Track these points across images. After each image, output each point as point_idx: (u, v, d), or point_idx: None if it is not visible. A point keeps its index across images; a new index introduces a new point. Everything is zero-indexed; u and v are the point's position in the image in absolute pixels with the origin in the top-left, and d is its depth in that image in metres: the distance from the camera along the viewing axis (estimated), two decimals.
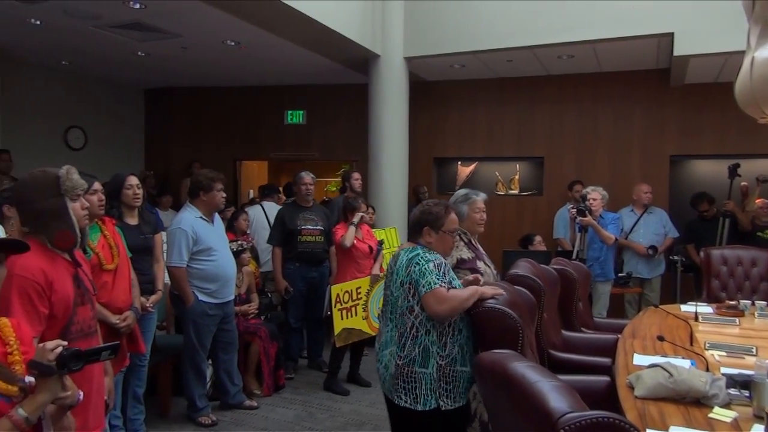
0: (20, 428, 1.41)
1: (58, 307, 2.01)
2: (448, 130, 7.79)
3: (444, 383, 2.51)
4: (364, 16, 6.10)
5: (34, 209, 2.06)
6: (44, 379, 1.46)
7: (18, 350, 1.57)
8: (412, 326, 2.54)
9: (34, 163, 6.40)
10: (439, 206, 2.65)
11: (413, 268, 2.52)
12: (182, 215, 4.09)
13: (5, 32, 5.81)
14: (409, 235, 2.73)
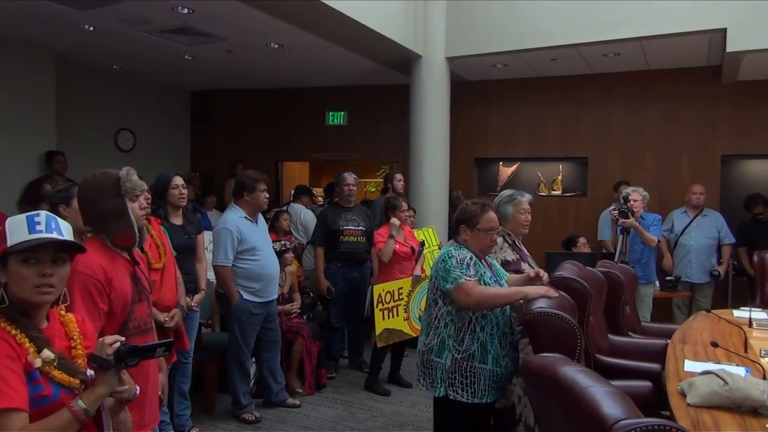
0: (79, 419, 1.45)
1: (116, 304, 2.08)
2: (489, 131, 7.72)
3: (459, 376, 2.61)
4: (406, 16, 6.10)
5: (96, 209, 2.13)
6: (103, 373, 1.50)
7: (81, 344, 1.63)
8: (435, 318, 2.71)
9: (87, 164, 6.68)
10: (476, 205, 2.71)
11: (440, 264, 2.65)
12: (227, 215, 4.17)
13: (61, 38, 6.04)
14: (451, 233, 2.78)
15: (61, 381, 1.51)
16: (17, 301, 1.51)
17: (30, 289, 1.51)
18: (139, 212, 2.22)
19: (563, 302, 2.47)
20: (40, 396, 1.46)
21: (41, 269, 1.52)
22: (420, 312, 4.88)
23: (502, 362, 2.65)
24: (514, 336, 2.72)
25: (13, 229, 1.52)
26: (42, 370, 1.48)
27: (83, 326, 1.69)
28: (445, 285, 2.59)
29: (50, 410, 1.46)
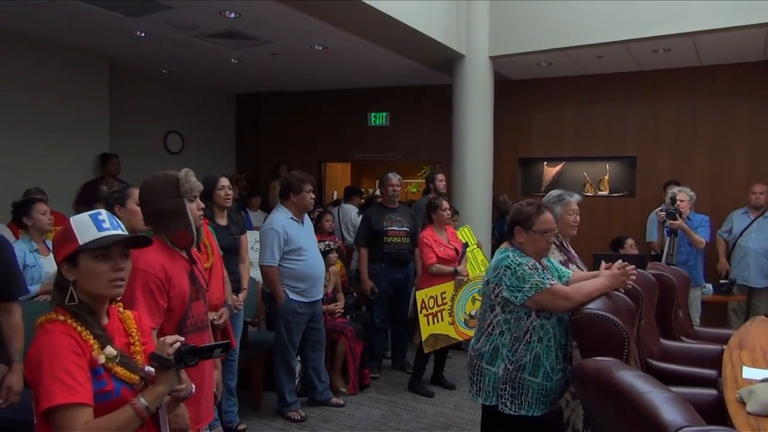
0: (141, 416, 1.49)
1: (175, 301, 2.14)
2: (533, 130, 7.61)
3: (509, 387, 2.54)
4: (449, 16, 6.07)
5: (157, 209, 2.20)
6: (163, 372, 1.53)
7: (139, 341, 1.67)
8: (489, 324, 2.62)
9: (137, 166, 6.90)
10: (531, 206, 2.62)
11: (503, 271, 2.53)
12: (274, 216, 4.23)
13: (114, 44, 6.25)
14: (507, 235, 2.70)
15: (123, 377, 1.55)
16: (85, 299, 1.56)
17: (105, 284, 1.56)
18: (196, 212, 2.27)
19: (619, 304, 2.41)
20: (103, 391, 1.50)
21: (114, 264, 1.57)
22: (465, 316, 4.84)
23: (554, 376, 2.55)
24: (569, 347, 2.64)
25: (81, 228, 1.56)
26: (105, 366, 1.52)
27: (140, 323, 1.74)
28: (518, 293, 2.48)
29: (112, 405, 1.50)
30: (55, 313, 1.54)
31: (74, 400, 1.42)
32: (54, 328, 1.50)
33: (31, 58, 6.05)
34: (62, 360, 1.45)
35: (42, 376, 1.43)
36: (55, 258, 1.62)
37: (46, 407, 1.41)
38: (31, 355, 1.50)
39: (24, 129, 5.91)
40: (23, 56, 5.99)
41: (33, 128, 6.00)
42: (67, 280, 1.56)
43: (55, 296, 1.58)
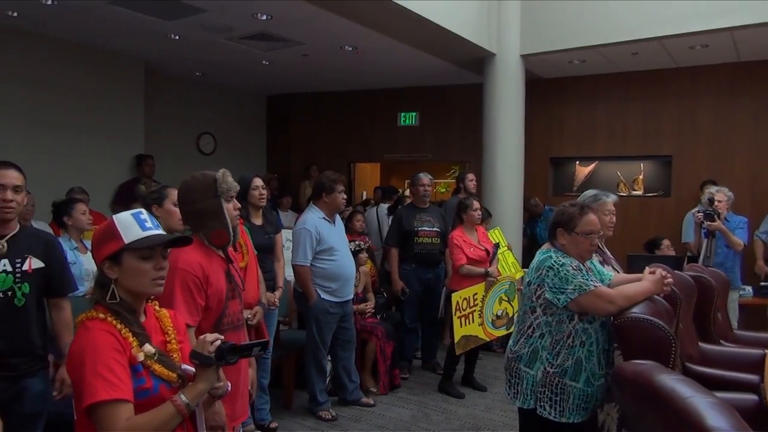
0: (181, 413, 1.50)
1: (212, 300, 2.18)
2: (565, 129, 7.51)
3: (548, 391, 2.49)
4: (480, 15, 6.03)
5: (195, 209, 2.24)
6: (204, 369, 1.54)
7: (175, 339, 1.69)
8: (529, 326, 2.57)
9: (171, 167, 7.02)
10: (574, 207, 2.56)
11: (546, 272, 2.48)
12: (306, 216, 4.26)
13: (150, 48, 6.38)
14: (548, 236, 2.66)
15: (161, 375, 1.56)
16: (125, 297, 1.59)
17: (148, 282, 1.59)
18: (233, 212, 2.30)
19: (658, 307, 2.35)
20: (142, 388, 1.52)
21: (157, 263, 1.60)
22: (492, 316, 4.81)
23: (596, 382, 2.49)
24: (612, 352, 2.57)
25: (125, 227, 1.58)
26: (144, 364, 1.54)
27: (176, 321, 1.76)
28: (561, 295, 2.43)
29: (151, 402, 1.52)
30: (95, 310, 1.56)
31: (116, 396, 1.44)
32: (95, 325, 1.52)
33: (70, 62, 6.22)
34: (104, 357, 1.47)
35: (84, 373, 1.45)
36: (94, 256, 1.64)
37: (89, 403, 1.43)
38: (73, 351, 1.53)
39: (63, 131, 6.08)
40: (63, 60, 6.16)
41: (72, 130, 6.16)
42: (108, 278, 1.58)
43: (96, 294, 1.60)
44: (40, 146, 5.73)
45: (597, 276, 2.64)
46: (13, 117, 5.70)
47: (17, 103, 5.78)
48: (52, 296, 2.54)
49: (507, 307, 4.92)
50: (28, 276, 2.42)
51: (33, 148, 5.53)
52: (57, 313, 2.57)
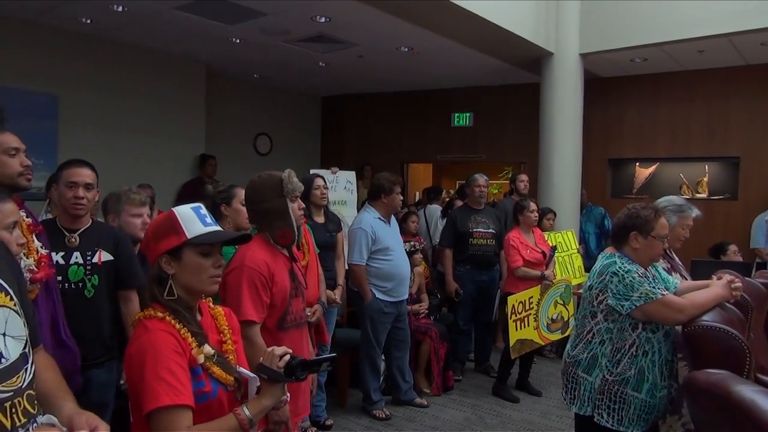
0: (243, 428, 1.43)
1: (277, 297, 2.22)
2: (625, 129, 7.30)
3: (607, 399, 2.43)
4: (538, 13, 5.94)
5: (261, 208, 2.29)
6: (271, 385, 1.47)
7: (230, 339, 1.62)
8: (589, 331, 2.52)
9: (229, 167, 7.21)
10: (647, 209, 2.48)
11: (610, 278, 2.41)
12: (362, 216, 4.30)
13: (211, 51, 6.57)
14: (612, 240, 2.59)
15: (219, 378, 1.49)
16: (182, 294, 1.52)
17: (206, 280, 1.52)
18: (298, 212, 2.35)
19: (730, 316, 2.26)
20: (201, 392, 1.44)
21: (216, 260, 1.54)
22: (548, 320, 4.73)
23: (658, 393, 2.42)
24: (675, 363, 2.49)
25: (187, 221, 1.52)
26: (203, 366, 1.47)
27: (231, 320, 1.69)
28: (625, 302, 2.37)
29: (209, 407, 1.45)
30: (152, 309, 1.50)
31: (179, 402, 1.37)
32: (154, 325, 1.45)
33: (137, 66, 6.48)
34: (165, 360, 1.40)
35: (145, 376, 1.39)
36: (149, 249, 1.56)
37: (151, 408, 1.36)
38: (133, 353, 1.45)
39: (131, 132, 6.33)
40: (131, 65, 6.42)
41: (138, 132, 6.42)
42: (166, 273, 1.51)
43: (153, 290, 1.52)
44: (110, 147, 5.98)
45: (662, 283, 2.56)
46: (85, 119, 5.98)
47: (90, 106, 6.05)
48: (122, 289, 2.65)
49: (562, 310, 4.84)
50: (98, 268, 2.54)
51: (103, 148, 5.78)
52: (126, 305, 2.67)
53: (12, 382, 1.09)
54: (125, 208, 2.86)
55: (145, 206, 2.89)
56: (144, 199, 2.89)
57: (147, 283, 1.55)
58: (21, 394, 1.12)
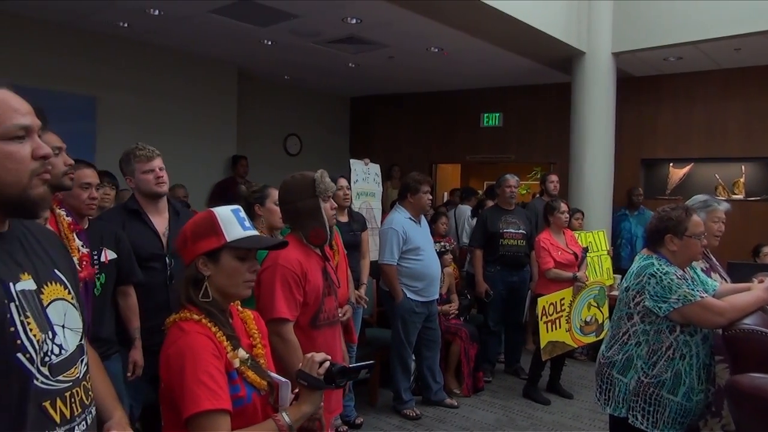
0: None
1: (310, 296, 2.25)
2: (659, 129, 7.18)
3: (642, 401, 2.40)
4: (570, 12, 5.88)
5: (295, 208, 2.32)
6: (311, 392, 1.46)
7: (261, 343, 1.59)
8: (625, 333, 2.49)
9: (260, 168, 7.28)
10: (677, 210, 2.45)
11: (647, 279, 2.38)
12: (393, 216, 4.31)
13: (243, 53, 6.67)
14: (648, 243, 2.56)
15: (253, 382, 1.47)
16: (216, 296, 1.50)
17: (241, 284, 1.50)
18: (330, 212, 2.37)
19: None
20: (236, 397, 1.42)
21: (252, 265, 1.52)
22: (581, 322, 4.68)
23: (695, 397, 2.38)
24: (713, 367, 2.45)
25: (227, 223, 1.50)
26: (238, 371, 1.45)
27: (260, 323, 1.67)
28: (662, 304, 2.34)
29: (244, 412, 1.44)
30: (187, 311, 1.48)
31: (219, 406, 1.35)
32: (191, 327, 1.44)
33: (172, 69, 6.61)
34: (205, 363, 1.38)
35: (185, 380, 1.36)
36: (188, 249, 1.53)
37: (193, 412, 1.34)
38: (171, 354, 1.42)
39: (164, 133, 6.44)
40: (165, 68, 6.55)
41: (172, 133, 6.54)
42: (202, 274, 1.49)
43: (189, 291, 1.50)
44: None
45: (701, 286, 2.52)
46: (119, 120, 6.12)
47: (125, 107, 6.20)
48: (121, 284, 2.66)
49: (596, 313, 4.77)
50: (105, 267, 2.54)
51: None
52: (125, 300, 2.69)
53: (71, 372, 1.13)
54: (136, 166, 2.78)
55: (153, 160, 2.77)
56: (150, 153, 2.78)
57: (182, 283, 1.53)
58: (78, 385, 1.15)
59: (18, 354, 1.02)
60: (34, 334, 1.05)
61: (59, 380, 1.10)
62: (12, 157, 1.06)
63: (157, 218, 2.83)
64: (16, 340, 1.02)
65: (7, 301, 1.01)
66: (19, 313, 1.03)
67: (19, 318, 1.03)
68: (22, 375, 1.02)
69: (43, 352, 1.06)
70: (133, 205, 2.81)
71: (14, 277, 1.06)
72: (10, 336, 1.01)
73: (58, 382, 1.09)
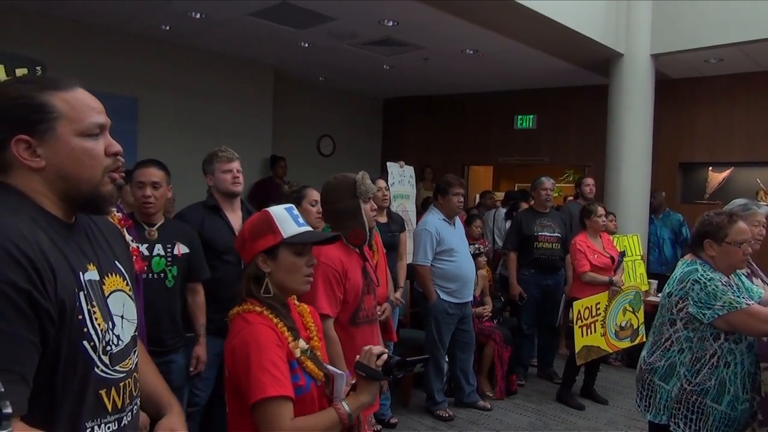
0: (343, 423, 1.46)
1: (350, 294, 2.30)
2: (697, 132, 7.04)
3: (685, 409, 2.36)
4: (607, 14, 5.82)
5: (335, 208, 2.37)
6: (368, 383, 1.50)
7: (317, 336, 1.65)
8: (667, 339, 2.46)
9: (294, 168, 7.35)
10: (720, 215, 2.42)
11: (691, 285, 2.35)
12: (427, 217, 4.33)
13: (279, 55, 6.76)
14: (691, 247, 2.53)
15: (312, 372, 1.53)
16: (276, 291, 1.56)
17: (300, 279, 1.57)
18: (370, 213, 2.42)
19: None
20: (296, 386, 1.48)
21: (309, 260, 1.59)
22: (616, 327, 4.63)
23: (740, 406, 2.34)
24: (758, 376, 2.41)
25: (283, 221, 1.56)
26: (298, 360, 1.51)
27: (315, 317, 1.72)
28: (707, 311, 2.30)
29: (303, 401, 1.48)
30: (250, 304, 1.54)
31: (282, 393, 1.42)
32: (254, 319, 1.50)
33: (210, 70, 6.74)
34: (269, 352, 1.44)
35: (251, 368, 1.43)
36: (247, 248, 1.59)
37: (259, 398, 1.40)
38: (236, 345, 1.49)
39: (203, 133, 6.57)
40: (204, 69, 6.68)
41: (210, 133, 6.63)
42: (263, 271, 1.55)
43: (250, 287, 1.56)
44: (184, 146, 6.23)
45: (746, 293, 2.48)
46: (160, 120, 6.27)
47: (166, 108, 6.34)
48: (191, 281, 2.80)
49: (632, 318, 4.71)
50: (177, 260, 2.69)
51: (178, 148, 6.03)
52: (193, 297, 2.82)
53: (125, 363, 1.16)
54: (216, 165, 2.97)
55: (233, 161, 2.99)
56: (231, 155, 3.00)
57: (243, 280, 1.59)
58: (131, 376, 1.19)
59: (84, 341, 1.05)
60: (99, 323, 1.08)
61: (116, 370, 1.13)
62: (89, 153, 1.10)
63: (232, 215, 3.01)
64: (83, 328, 1.05)
65: (76, 290, 1.05)
66: (86, 302, 1.06)
67: (87, 307, 1.06)
68: (85, 362, 1.06)
69: (105, 341, 1.09)
70: (211, 201, 3.01)
71: (82, 267, 1.09)
72: (77, 323, 1.04)
73: (115, 371, 1.12)
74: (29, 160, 1.06)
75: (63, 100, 1.08)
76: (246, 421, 1.47)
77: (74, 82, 1.13)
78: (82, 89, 1.13)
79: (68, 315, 1.02)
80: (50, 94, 1.08)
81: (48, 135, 1.06)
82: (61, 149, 1.07)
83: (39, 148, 1.06)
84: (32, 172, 1.07)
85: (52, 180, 1.08)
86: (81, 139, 1.09)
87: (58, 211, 1.10)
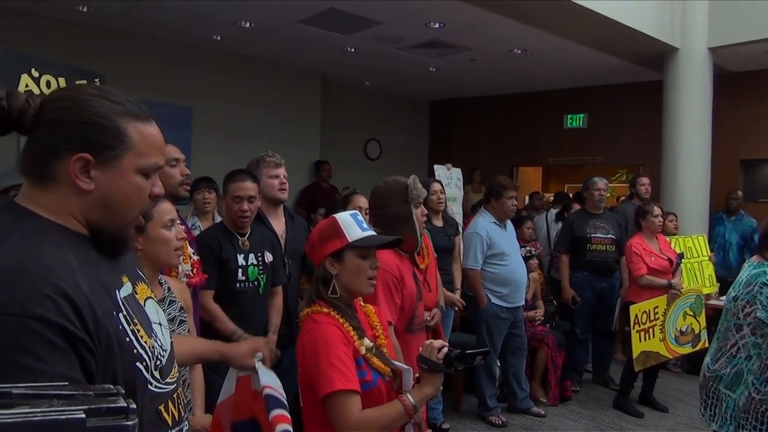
0: (409, 414, 1.53)
1: (406, 300, 2.29)
2: (760, 128, 6.73)
3: (753, 419, 2.25)
4: (662, 7, 5.63)
5: (386, 213, 2.35)
6: (431, 375, 1.56)
7: (383, 334, 1.73)
8: (733, 345, 2.36)
9: (341, 172, 7.40)
10: None
11: (759, 289, 2.25)
12: (477, 220, 4.28)
13: (327, 61, 6.84)
14: (759, 248, 2.42)
15: (378, 368, 1.61)
16: (342, 293, 1.64)
17: (364, 281, 1.65)
18: (421, 218, 2.39)
19: None
20: (363, 381, 1.56)
21: (373, 263, 1.66)
22: (676, 332, 4.45)
23: None
24: None
25: (348, 226, 1.64)
26: (364, 357, 1.59)
27: (380, 317, 1.81)
28: None
29: (370, 395, 1.56)
30: (318, 305, 1.63)
31: (349, 387, 1.50)
32: (322, 319, 1.59)
33: (259, 77, 6.87)
34: (335, 349, 1.53)
35: (320, 364, 1.52)
36: (315, 252, 1.68)
37: (327, 392, 1.49)
38: (306, 343, 1.59)
39: (251, 140, 6.68)
40: (253, 76, 6.82)
41: (258, 139, 6.75)
42: (330, 273, 1.64)
43: (319, 289, 1.65)
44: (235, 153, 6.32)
45: None
46: (211, 128, 6.43)
47: (215, 115, 6.51)
48: (274, 285, 2.86)
49: (692, 322, 4.53)
50: (267, 268, 2.77)
51: (229, 155, 6.14)
52: (272, 300, 2.88)
53: (173, 374, 1.13)
54: (263, 170, 2.98)
55: (280, 167, 3.00)
56: (278, 160, 3.01)
57: (313, 282, 1.69)
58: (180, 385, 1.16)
59: (137, 363, 1.00)
60: (145, 341, 1.03)
61: (167, 382, 1.09)
62: (140, 192, 1.04)
63: (276, 221, 3.03)
64: (133, 350, 0.99)
65: (115, 312, 0.98)
66: (128, 322, 0.99)
67: (129, 327, 0.99)
68: (141, 384, 1.01)
69: (155, 357, 1.05)
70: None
71: (117, 283, 1.03)
72: (127, 347, 0.98)
73: (167, 384, 1.08)
74: (81, 180, 0.97)
75: (138, 132, 1.02)
76: (319, 415, 1.56)
77: (149, 113, 1.07)
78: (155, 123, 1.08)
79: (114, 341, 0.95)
80: (129, 121, 1.02)
81: (111, 162, 0.99)
82: (118, 180, 1.01)
83: (94, 170, 0.98)
84: (76, 193, 0.98)
85: (91, 206, 1.00)
86: (138, 176, 1.03)
87: (81, 229, 1.02)
